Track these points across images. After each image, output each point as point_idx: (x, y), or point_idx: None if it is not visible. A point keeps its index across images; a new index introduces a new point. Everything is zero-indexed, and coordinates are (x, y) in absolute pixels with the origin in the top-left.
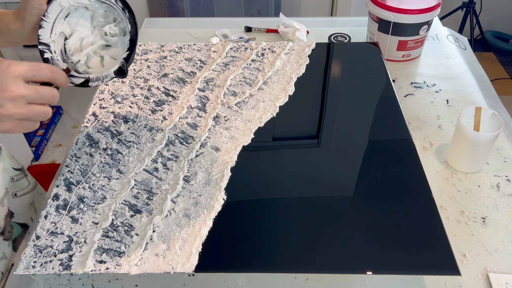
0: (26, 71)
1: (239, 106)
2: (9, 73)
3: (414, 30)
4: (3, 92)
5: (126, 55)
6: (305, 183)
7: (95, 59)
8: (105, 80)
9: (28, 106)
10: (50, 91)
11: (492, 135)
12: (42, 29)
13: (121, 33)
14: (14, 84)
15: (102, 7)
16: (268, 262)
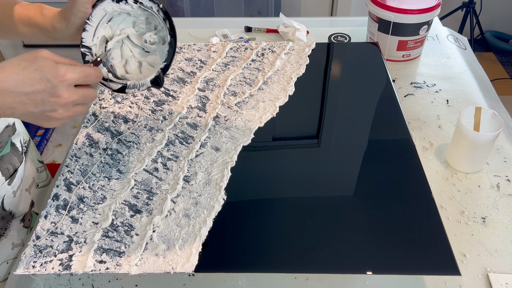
0: (78, 78)
1: (239, 106)
2: (65, 81)
3: (414, 30)
4: (58, 98)
5: (164, 65)
6: (305, 183)
7: (133, 65)
8: (141, 89)
9: (74, 107)
10: (93, 95)
11: (492, 135)
12: (85, 32)
13: (160, 42)
14: (67, 92)
15: (144, 14)
16: (268, 262)
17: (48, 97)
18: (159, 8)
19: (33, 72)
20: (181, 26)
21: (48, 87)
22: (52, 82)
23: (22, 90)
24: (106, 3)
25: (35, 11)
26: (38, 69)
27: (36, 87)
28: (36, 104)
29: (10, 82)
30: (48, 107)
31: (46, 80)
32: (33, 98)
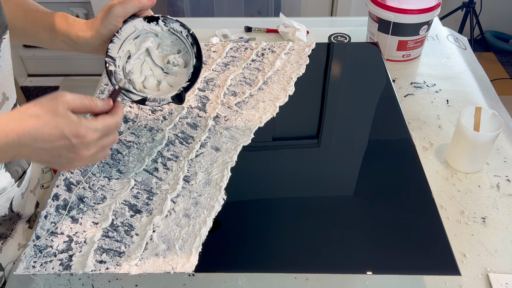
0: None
1: (239, 106)
2: (85, 142)
3: (414, 30)
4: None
5: (187, 85)
6: (305, 183)
7: (152, 82)
8: (162, 103)
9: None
10: (112, 141)
11: (492, 135)
12: (112, 44)
13: (182, 65)
14: (86, 149)
15: (170, 38)
16: (268, 262)
17: (66, 152)
18: (188, 34)
19: (53, 129)
20: None
21: (67, 145)
22: (71, 141)
23: (40, 146)
24: (138, 21)
25: (60, 19)
26: (59, 126)
27: (54, 144)
28: (53, 156)
29: (29, 137)
30: (65, 160)
31: (65, 138)
32: (51, 153)
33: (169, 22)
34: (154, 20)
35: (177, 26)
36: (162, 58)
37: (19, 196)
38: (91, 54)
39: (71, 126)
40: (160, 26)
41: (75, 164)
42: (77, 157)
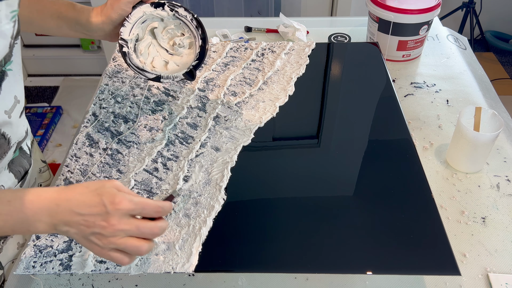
0: (133, 209)
1: (239, 106)
2: (118, 210)
3: (414, 30)
4: (107, 223)
5: (196, 63)
6: (305, 183)
7: (160, 62)
8: (175, 80)
9: (124, 238)
10: (150, 229)
11: (492, 135)
12: (123, 27)
13: (187, 46)
14: (118, 220)
15: (174, 22)
16: (268, 262)
17: (99, 220)
18: (193, 17)
19: (95, 196)
20: None
21: (102, 212)
22: (107, 207)
23: (80, 211)
24: (146, 7)
25: (67, 7)
26: (100, 194)
27: (92, 210)
28: (88, 225)
29: (74, 202)
30: (98, 230)
31: (102, 204)
32: (87, 220)
33: (175, 7)
34: (160, 6)
35: (182, 11)
36: (167, 41)
37: None
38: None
39: (110, 194)
40: (166, 11)
41: (107, 239)
42: (107, 227)
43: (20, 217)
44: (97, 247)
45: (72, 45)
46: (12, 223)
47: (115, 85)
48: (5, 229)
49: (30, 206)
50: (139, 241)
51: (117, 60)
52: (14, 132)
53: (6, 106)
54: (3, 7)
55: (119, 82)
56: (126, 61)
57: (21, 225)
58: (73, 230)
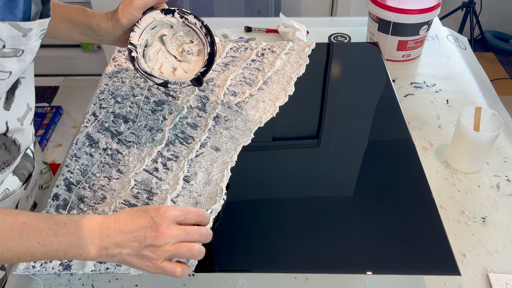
0: (178, 215)
1: (239, 106)
2: (166, 217)
3: (414, 30)
4: (157, 233)
5: (204, 70)
6: (305, 183)
7: (168, 68)
8: (183, 86)
9: (175, 245)
10: (198, 231)
11: (492, 135)
12: (133, 33)
13: (196, 53)
14: (167, 228)
15: (184, 29)
16: (268, 262)
17: (149, 232)
18: (202, 25)
19: (141, 212)
20: None
21: (150, 223)
22: (154, 219)
23: (129, 229)
24: (156, 13)
25: (77, 12)
26: (145, 210)
27: (141, 225)
28: (140, 240)
29: (122, 222)
30: (149, 242)
31: (149, 217)
32: (137, 235)
33: (184, 14)
34: (170, 13)
35: (191, 18)
36: (176, 47)
37: (24, 199)
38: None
39: (155, 207)
40: (175, 18)
41: (160, 249)
42: (158, 236)
43: (74, 240)
44: (150, 263)
45: (72, 45)
46: (66, 245)
47: (115, 85)
48: (59, 252)
49: (83, 228)
50: (189, 243)
51: (117, 60)
52: (25, 139)
53: (19, 113)
54: (35, 26)
55: (119, 82)
56: (134, 65)
57: (74, 247)
58: (125, 250)
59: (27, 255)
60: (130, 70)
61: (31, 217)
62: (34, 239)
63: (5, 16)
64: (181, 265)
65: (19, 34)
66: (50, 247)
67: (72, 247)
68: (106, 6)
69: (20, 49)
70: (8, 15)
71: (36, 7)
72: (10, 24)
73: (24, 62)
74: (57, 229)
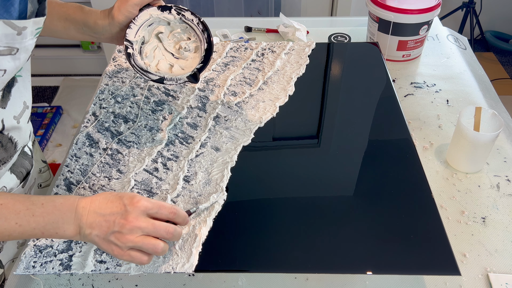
0: (151, 208)
1: (239, 106)
2: (137, 208)
3: (414, 30)
4: (126, 220)
5: (200, 66)
6: (305, 183)
7: (165, 65)
8: (179, 82)
9: (141, 237)
10: (165, 228)
11: (492, 135)
12: (129, 29)
13: (193, 50)
14: (136, 217)
15: (181, 26)
16: (268, 262)
17: (119, 218)
18: (199, 21)
19: (116, 198)
20: None
21: (122, 210)
22: (126, 206)
23: (102, 212)
24: (152, 10)
25: (74, 9)
26: (121, 196)
27: (113, 210)
28: (108, 224)
29: (97, 204)
30: (117, 228)
31: (122, 204)
32: (108, 219)
33: (181, 11)
34: (167, 9)
35: (188, 15)
36: (173, 44)
37: None
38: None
39: (130, 195)
40: (172, 14)
41: (125, 236)
42: (126, 224)
43: (51, 219)
44: (116, 248)
45: (72, 45)
46: (43, 225)
47: (115, 85)
48: (36, 231)
49: (60, 208)
50: (156, 239)
51: (117, 60)
52: (21, 137)
53: (15, 111)
54: (30, 25)
55: (119, 82)
56: (130, 62)
57: (51, 226)
58: (95, 231)
59: (5, 235)
60: (130, 70)
61: (8, 198)
62: (12, 220)
63: (0, 14)
64: (149, 255)
65: (14, 32)
66: (28, 227)
67: (49, 226)
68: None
69: (14, 47)
70: (3, 13)
71: (32, 6)
72: (4, 22)
73: (19, 60)
74: (34, 209)
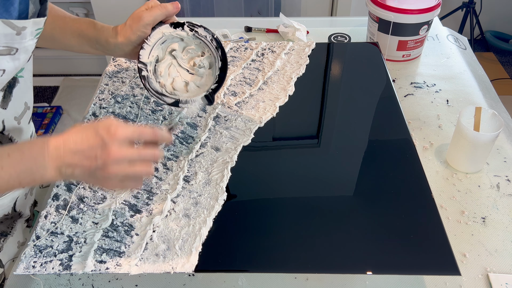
0: (131, 135)
1: (239, 106)
2: (116, 137)
3: (414, 30)
4: (108, 153)
5: (215, 87)
6: (305, 183)
7: (180, 83)
8: (193, 104)
9: (130, 166)
10: (151, 152)
11: (492, 135)
12: (142, 50)
13: (208, 66)
14: (118, 147)
15: (195, 42)
16: (268, 262)
17: (100, 152)
18: (212, 38)
19: (90, 130)
20: None
21: (100, 143)
22: (104, 138)
23: (79, 148)
24: (165, 27)
25: (87, 25)
26: (95, 127)
27: (90, 144)
28: (90, 160)
29: (72, 142)
30: (101, 163)
31: (99, 136)
32: (88, 155)
33: (195, 27)
34: (180, 26)
35: (201, 31)
36: (187, 61)
37: (22, 196)
38: (91, 55)
39: (105, 125)
40: (185, 31)
41: (112, 168)
42: (109, 156)
43: (23, 168)
44: (105, 182)
45: None
46: (16, 175)
47: (115, 85)
48: (12, 182)
49: (28, 154)
50: (145, 165)
51: (117, 60)
52: (22, 138)
53: (16, 112)
54: (30, 25)
55: (119, 82)
56: (145, 85)
57: (25, 174)
58: (77, 170)
59: None
60: (130, 70)
61: None
62: None
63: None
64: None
65: (13, 32)
66: (1, 180)
67: (23, 175)
68: (107, 5)
69: (14, 47)
70: (2, 13)
71: (34, 7)
72: (3, 22)
73: (19, 61)
74: (1, 162)
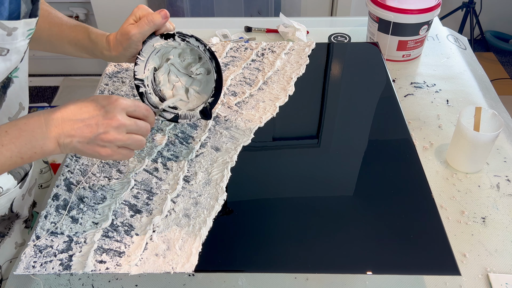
0: (129, 106)
1: (239, 106)
2: (117, 106)
3: (414, 30)
4: (110, 120)
5: (211, 100)
6: (305, 183)
7: (181, 90)
8: (192, 120)
9: (127, 134)
10: (146, 125)
11: (492, 135)
12: (137, 66)
13: (205, 73)
14: (120, 115)
15: (189, 48)
16: (268, 262)
17: (102, 119)
18: (205, 48)
19: (89, 102)
20: (181, 26)
21: (102, 112)
22: (106, 107)
23: (80, 117)
24: (155, 40)
25: (83, 35)
26: (94, 99)
27: (91, 113)
28: (91, 128)
29: (69, 111)
30: (102, 129)
31: (100, 106)
32: (89, 123)
33: (186, 37)
34: (170, 37)
35: (193, 41)
36: (185, 66)
37: (19, 197)
38: None
39: (104, 96)
40: (177, 41)
41: (111, 134)
42: (111, 122)
43: (22, 142)
44: (103, 149)
45: None
46: (17, 150)
47: (115, 85)
48: (14, 158)
49: (26, 128)
50: (140, 136)
51: None
52: None
53: (10, 113)
54: (21, 25)
55: (119, 82)
56: (144, 102)
57: (26, 149)
58: (76, 138)
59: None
60: (130, 70)
61: None
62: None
63: None
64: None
65: (3, 33)
66: (2, 157)
67: (24, 149)
68: (107, 5)
69: (4, 48)
70: None
71: (26, 7)
72: None
73: (10, 61)
74: (1, 140)
